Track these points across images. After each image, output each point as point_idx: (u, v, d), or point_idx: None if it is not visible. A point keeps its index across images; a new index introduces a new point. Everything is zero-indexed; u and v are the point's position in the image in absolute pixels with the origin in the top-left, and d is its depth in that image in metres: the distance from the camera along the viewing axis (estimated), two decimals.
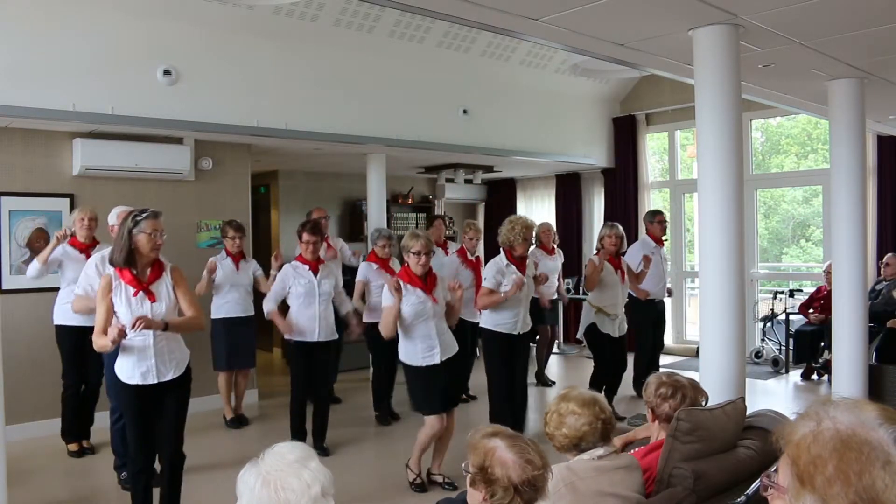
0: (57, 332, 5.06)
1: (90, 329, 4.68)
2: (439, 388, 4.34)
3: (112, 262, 3.47)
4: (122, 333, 3.31)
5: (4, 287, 5.54)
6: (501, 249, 5.11)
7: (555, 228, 7.44)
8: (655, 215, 6.80)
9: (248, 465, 1.63)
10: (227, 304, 5.85)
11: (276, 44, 6.25)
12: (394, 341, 4.95)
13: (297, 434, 5.19)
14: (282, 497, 1.55)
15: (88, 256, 4.91)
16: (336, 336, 5.36)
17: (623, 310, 6.10)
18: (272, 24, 6.09)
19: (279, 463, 1.61)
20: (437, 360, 4.33)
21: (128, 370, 3.49)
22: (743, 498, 2.20)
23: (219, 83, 6.01)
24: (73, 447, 5.21)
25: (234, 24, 5.95)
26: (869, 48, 4.28)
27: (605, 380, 6.09)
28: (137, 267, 3.45)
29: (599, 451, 2.35)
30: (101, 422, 5.19)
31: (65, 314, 4.93)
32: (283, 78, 6.35)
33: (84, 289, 4.37)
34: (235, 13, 5.84)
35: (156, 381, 3.50)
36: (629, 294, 6.39)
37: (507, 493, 1.84)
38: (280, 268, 5.38)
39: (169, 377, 3.55)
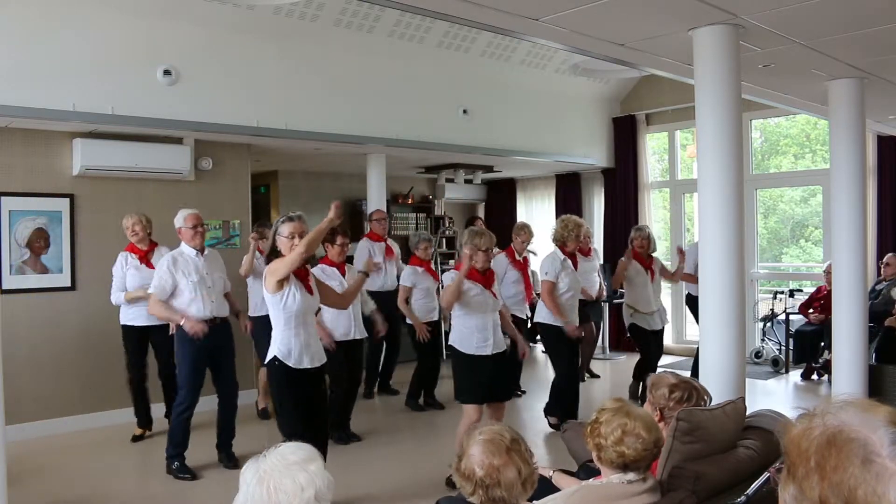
0: (123, 331, 5.42)
1: (153, 328, 5.28)
2: (484, 380, 4.41)
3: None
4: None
5: (4, 287, 5.54)
6: (555, 246, 5.66)
7: (589, 229, 7.42)
8: None
9: (250, 460, 1.66)
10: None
11: (276, 44, 6.25)
12: (436, 340, 6.34)
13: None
14: (273, 498, 1.56)
15: (147, 262, 5.29)
16: (366, 334, 5.59)
17: (659, 305, 6.55)
18: (272, 24, 6.09)
19: (279, 463, 1.62)
20: (488, 352, 4.43)
21: (296, 356, 3.70)
22: (743, 498, 2.19)
23: (219, 83, 6.00)
24: (138, 432, 5.55)
25: (234, 24, 5.95)
26: (869, 48, 4.29)
27: (648, 369, 6.35)
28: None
29: (631, 475, 2.25)
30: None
31: (129, 315, 5.35)
32: (283, 78, 6.35)
33: (157, 288, 4.63)
34: (235, 13, 5.84)
35: (319, 364, 3.81)
36: (689, 293, 6.85)
37: (469, 483, 1.94)
38: None
39: (324, 362, 3.86)
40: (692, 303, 6.78)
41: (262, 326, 5.77)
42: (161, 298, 4.62)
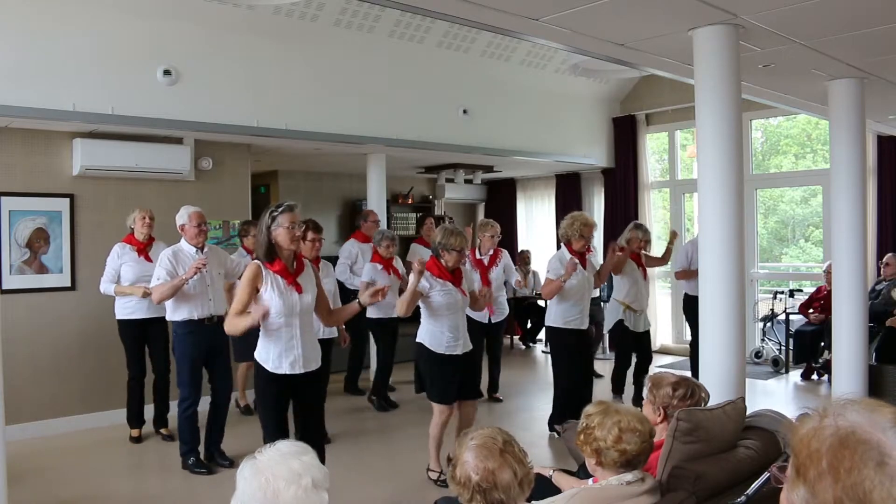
0: (119, 326, 5.39)
1: (150, 321, 5.29)
2: (456, 379, 4.40)
3: (259, 259, 3.56)
4: (266, 316, 3.45)
5: (4, 287, 5.54)
6: (562, 243, 5.47)
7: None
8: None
9: (246, 458, 1.70)
10: None
11: (276, 44, 6.25)
12: (394, 333, 6.46)
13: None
14: (272, 485, 1.61)
15: (145, 255, 5.31)
16: (335, 334, 5.57)
17: (646, 306, 6.34)
18: (272, 24, 6.09)
19: (274, 454, 1.68)
20: (459, 352, 4.41)
21: (274, 360, 3.55)
22: (743, 498, 2.19)
23: (219, 83, 6.00)
24: (135, 433, 5.50)
25: (234, 24, 5.95)
26: (869, 48, 4.29)
27: (624, 376, 6.29)
28: (284, 260, 3.53)
29: (629, 476, 2.25)
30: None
31: (127, 310, 5.32)
32: (283, 78, 6.35)
33: (161, 278, 4.64)
34: (235, 13, 5.84)
35: (302, 371, 3.57)
36: (687, 293, 6.67)
37: (466, 490, 1.93)
38: None
39: (313, 367, 3.64)
40: (689, 304, 6.66)
41: None
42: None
